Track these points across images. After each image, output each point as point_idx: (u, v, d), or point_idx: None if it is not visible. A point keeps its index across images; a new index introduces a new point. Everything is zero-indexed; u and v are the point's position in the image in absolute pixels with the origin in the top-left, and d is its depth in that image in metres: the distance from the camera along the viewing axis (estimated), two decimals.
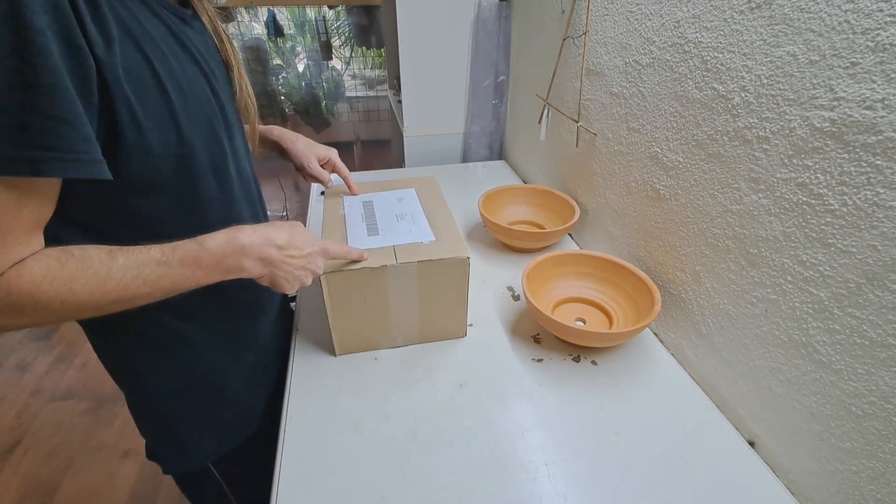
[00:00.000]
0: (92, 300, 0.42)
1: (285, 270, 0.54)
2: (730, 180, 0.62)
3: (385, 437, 0.62)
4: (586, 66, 0.95)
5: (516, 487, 0.56)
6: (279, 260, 0.53)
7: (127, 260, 0.43)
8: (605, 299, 0.83)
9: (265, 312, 0.71)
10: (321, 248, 0.58)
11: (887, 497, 0.48)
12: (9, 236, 0.38)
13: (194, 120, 0.49)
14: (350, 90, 3.73)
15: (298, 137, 0.84)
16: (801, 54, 0.50)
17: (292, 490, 0.56)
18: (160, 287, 0.45)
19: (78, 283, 0.41)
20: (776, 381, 0.59)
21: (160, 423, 0.64)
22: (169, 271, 0.45)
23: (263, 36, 3.16)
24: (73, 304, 0.41)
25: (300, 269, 0.55)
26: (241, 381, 0.68)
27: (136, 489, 1.40)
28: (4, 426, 1.59)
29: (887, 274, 0.45)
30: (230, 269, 0.49)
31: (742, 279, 0.63)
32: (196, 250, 0.47)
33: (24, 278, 0.39)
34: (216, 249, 0.48)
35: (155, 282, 0.45)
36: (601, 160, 0.94)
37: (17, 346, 1.93)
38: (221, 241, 0.48)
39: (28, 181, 0.38)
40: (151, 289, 0.45)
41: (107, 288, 0.42)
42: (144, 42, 0.44)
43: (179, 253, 0.46)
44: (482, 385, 0.70)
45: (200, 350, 0.61)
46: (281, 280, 0.54)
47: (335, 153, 0.86)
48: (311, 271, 0.57)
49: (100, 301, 0.42)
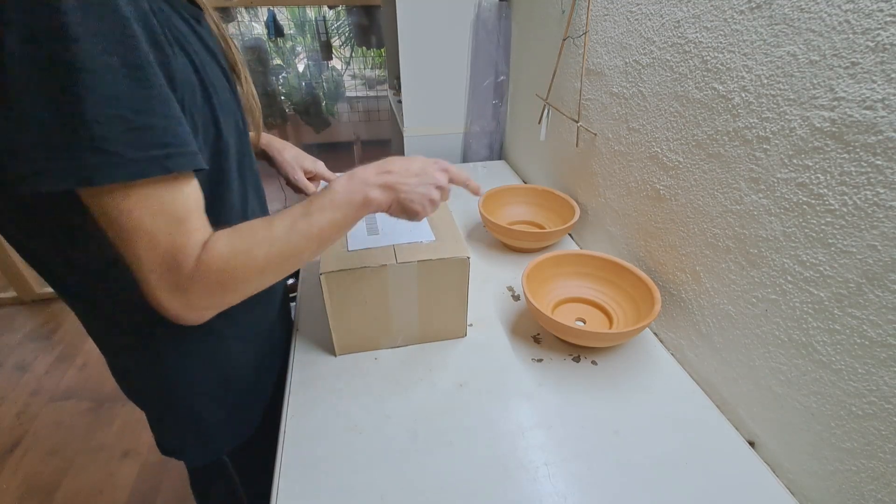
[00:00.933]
0: (269, 263, 0.46)
1: (408, 190, 0.54)
2: (730, 180, 0.62)
3: (385, 437, 0.62)
4: (586, 66, 0.95)
5: (516, 487, 0.56)
6: (399, 182, 0.54)
7: (281, 221, 0.48)
8: (605, 299, 0.83)
9: (274, 299, 0.72)
10: (433, 161, 0.58)
11: (887, 497, 0.48)
12: (187, 223, 0.41)
13: (226, 119, 0.51)
14: (350, 90, 3.73)
15: (286, 147, 0.84)
16: (801, 54, 0.50)
17: (292, 490, 0.56)
18: (314, 237, 0.49)
19: (255, 250, 0.45)
20: (776, 381, 0.59)
21: (187, 415, 0.64)
22: (315, 220, 0.49)
23: (263, 36, 3.16)
24: (257, 271, 0.46)
25: (423, 185, 0.55)
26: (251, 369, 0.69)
27: (136, 489, 1.40)
28: (4, 426, 1.59)
29: (887, 274, 0.45)
30: (360, 203, 0.52)
31: (742, 279, 0.63)
32: (328, 195, 0.51)
33: (215, 257, 0.43)
34: (342, 189, 0.51)
35: (308, 232, 0.48)
36: (601, 160, 0.94)
37: (17, 346, 1.93)
38: (343, 181, 0.52)
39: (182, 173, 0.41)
40: (308, 240, 0.49)
41: (277, 248, 0.47)
42: (185, 44, 0.45)
43: (315, 203, 0.50)
44: (482, 385, 0.70)
45: (226, 340, 0.62)
46: (408, 203, 0.54)
47: (322, 165, 0.86)
48: (434, 185, 0.56)
49: (274, 261, 0.47)
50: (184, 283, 0.42)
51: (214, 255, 0.43)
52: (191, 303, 0.44)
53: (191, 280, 0.42)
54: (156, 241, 0.40)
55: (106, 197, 0.38)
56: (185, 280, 0.42)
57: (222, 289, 0.45)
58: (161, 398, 0.62)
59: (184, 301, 0.43)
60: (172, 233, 0.41)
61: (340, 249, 0.69)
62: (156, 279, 0.41)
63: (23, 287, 2.13)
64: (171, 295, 0.42)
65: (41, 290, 2.18)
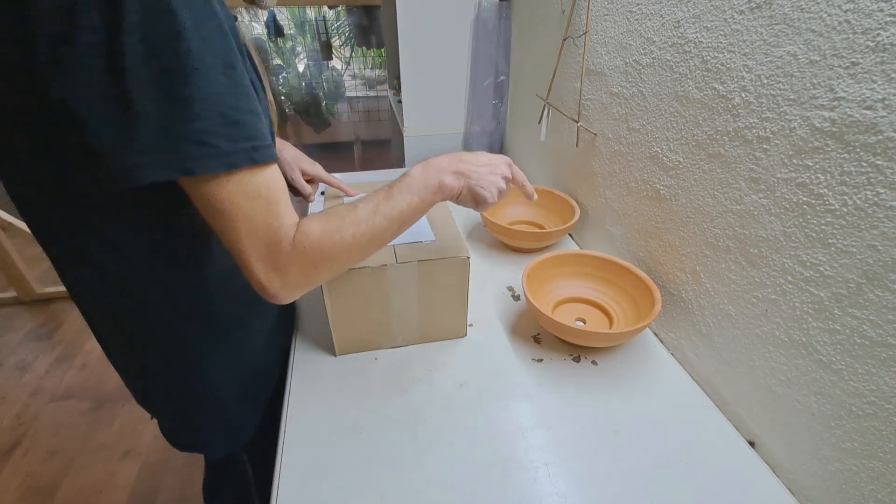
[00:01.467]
0: (356, 243, 0.50)
1: (478, 177, 0.58)
2: (730, 180, 0.62)
3: (385, 437, 0.62)
4: (586, 66, 0.95)
5: (516, 487, 0.56)
6: (470, 170, 0.58)
7: (366, 204, 0.52)
8: (605, 299, 0.83)
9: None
10: (500, 156, 0.63)
11: (888, 497, 0.48)
12: (280, 206, 0.45)
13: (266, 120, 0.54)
14: (350, 90, 3.73)
15: (285, 146, 0.85)
16: (801, 54, 0.50)
17: (292, 490, 0.56)
18: (395, 218, 0.53)
19: (344, 231, 0.49)
20: (776, 381, 0.59)
21: (214, 406, 0.65)
22: (395, 203, 0.53)
23: (263, 36, 3.17)
24: (345, 250, 0.49)
25: (492, 174, 0.59)
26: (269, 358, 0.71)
27: (136, 489, 1.40)
28: (4, 426, 1.59)
29: (887, 274, 0.45)
30: (435, 188, 0.56)
31: (742, 279, 0.63)
32: (406, 180, 0.55)
33: (310, 237, 0.47)
34: (419, 174, 0.56)
35: (390, 214, 0.52)
36: (601, 160, 0.94)
37: (17, 346, 1.93)
38: (419, 168, 0.57)
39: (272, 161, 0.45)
40: (389, 221, 0.52)
41: (362, 229, 0.50)
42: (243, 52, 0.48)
43: (395, 187, 0.54)
44: (482, 385, 0.70)
45: (251, 330, 0.65)
46: (478, 189, 0.58)
47: (320, 168, 0.87)
48: (501, 175, 0.60)
49: (360, 241, 0.50)
50: (282, 262, 0.45)
51: (309, 235, 0.47)
52: (288, 281, 0.47)
53: (288, 259, 0.46)
54: (254, 224, 0.43)
55: (208, 185, 0.41)
56: (283, 259, 0.45)
57: (315, 268, 0.48)
58: (189, 391, 0.63)
59: (282, 280, 0.46)
60: (268, 215, 0.44)
61: None
62: (257, 260, 0.45)
63: (23, 287, 2.13)
64: (272, 275, 0.46)
65: (41, 290, 2.18)
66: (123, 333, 0.58)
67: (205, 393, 0.63)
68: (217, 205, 0.42)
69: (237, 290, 0.59)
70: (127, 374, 0.64)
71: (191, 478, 1.43)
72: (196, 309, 0.57)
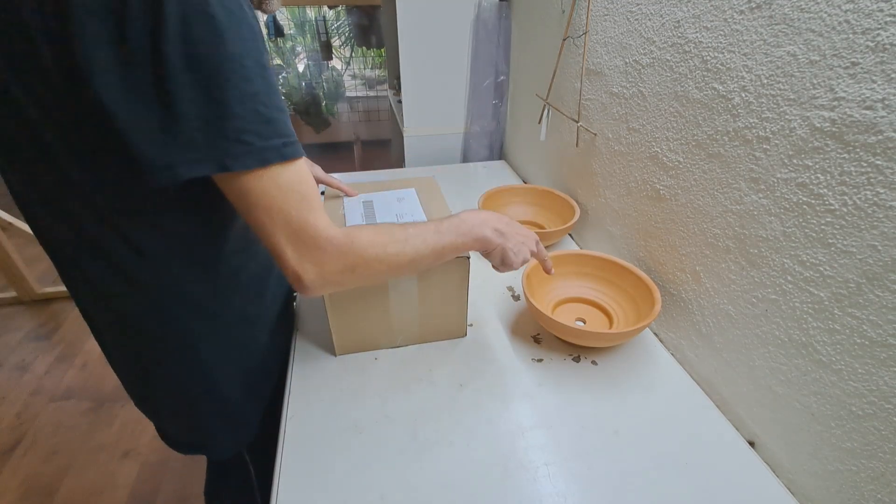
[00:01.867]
0: (396, 261, 0.52)
1: (513, 242, 0.62)
2: (730, 180, 0.62)
3: (385, 437, 0.62)
4: (586, 66, 0.95)
5: (516, 487, 0.56)
6: (509, 232, 0.63)
7: (415, 229, 0.55)
8: (605, 299, 0.83)
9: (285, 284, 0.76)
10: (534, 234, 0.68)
11: (887, 497, 0.48)
12: (313, 200, 0.47)
13: None
14: (350, 90, 3.73)
15: None
16: (801, 54, 0.50)
17: (292, 490, 0.56)
18: (436, 252, 0.56)
19: (389, 246, 0.52)
20: (776, 381, 0.59)
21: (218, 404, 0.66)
22: (441, 238, 0.57)
23: (263, 36, 3.17)
24: (384, 264, 0.52)
25: (522, 244, 0.64)
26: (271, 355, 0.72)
27: (136, 489, 1.40)
28: (4, 426, 1.59)
29: (887, 274, 0.45)
30: (478, 237, 0.60)
31: (742, 279, 0.63)
32: (456, 222, 0.59)
33: (356, 242, 0.49)
34: (468, 219, 0.60)
35: (434, 246, 0.56)
36: (601, 160, 0.94)
37: (17, 346, 1.93)
38: (472, 215, 0.61)
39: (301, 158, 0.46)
40: (431, 252, 0.56)
41: (406, 250, 0.53)
42: None
43: (446, 224, 0.58)
44: (482, 385, 0.70)
45: (255, 327, 0.67)
46: (509, 252, 0.62)
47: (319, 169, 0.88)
48: (529, 249, 0.65)
49: (400, 261, 0.53)
50: (320, 256, 0.47)
51: (356, 241, 0.49)
52: (324, 275, 0.48)
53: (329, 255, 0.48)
54: (289, 217, 0.45)
55: (243, 180, 0.43)
56: (321, 254, 0.47)
57: (352, 271, 0.50)
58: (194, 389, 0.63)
59: (318, 272, 0.48)
60: (301, 208, 0.45)
61: None
62: (293, 251, 0.46)
63: (23, 287, 2.13)
64: (308, 266, 0.47)
65: (41, 290, 2.18)
66: (128, 333, 0.58)
67: (210, 390, 0.64)
68: (253, 199, 0.44)
69: (244, 287, 0.62)
70: (128, 376, 0.64)
71: (191, 478, 1.43)
72: (205, 305, 0.58)
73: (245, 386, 0.68)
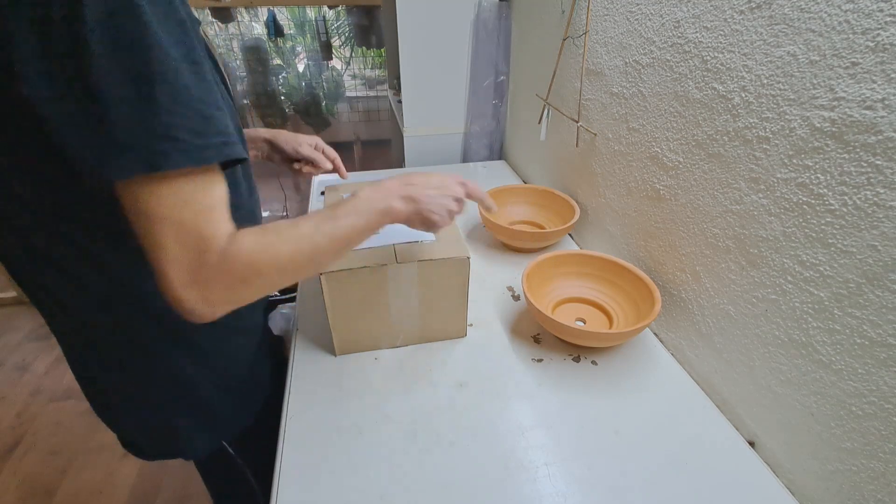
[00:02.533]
0: (292, 261, 0.47)
1: (428, 201, 0.57)
2: (730, 180, 0.62)
3: (385, 437, 0.62)
4: (586, 66, 0.95)
5: (516, 487, 0.56)
6: (420, 194, 0.56)
7: (306, 222, 0.50)
8: (605, 299, 0.83)
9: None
10: (452, 175, 0.61)
11: (887, 497, 0.48)
12: (215, 213, 0.43)
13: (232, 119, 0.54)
14: (350, 90, 3.73)
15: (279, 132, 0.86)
16: (801, 54, 0.50)
17: (292, 490, 0.56)
18: (337, 238, 0.51)
19: (280, 247, 0.46)
20: (776, 381, 0.59)
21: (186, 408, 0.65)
22: (339, 223, 0.51)
23: (263, 36, 3.16)
24: (279, 268, 0.47)
25: (442, 197, 0.58)
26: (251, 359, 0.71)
27: (136, 489, 1.40)
28: (4, 426, 1.59)
29: (887, 274, 0.45)
30: (382, 211, 0.54)
31: (742, 279, 0.63)
32: (352, 201, 0.53)
33: (242, 250, 0.43)
34: (367, 196, 0.54)
35: (332, 234, 0.50)
36: (601, 160, 0.94)
37: (17, 346, 1.93)
38: (369, 189, 0.55)
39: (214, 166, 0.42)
40: (331, 242, 0.50)
41: (301, 247, 0.48)
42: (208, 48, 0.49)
43: (340, 208, 0.52)
44: (482, 385, 0.70)
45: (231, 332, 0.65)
46: (428, 213, 0.57)
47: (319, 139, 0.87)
48: (452, 197, 0.59)
49: (297, 259, 0.48)
50: (205, 274, 0.42)
51: (241, 248, 0.43)
52: (208, 297, 0.43)
53: (214, 272, 0.42)
54: (184, 231, 0.40)
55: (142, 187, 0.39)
56: (207, 271, 0.42)
57: (243, 284, 0.45)
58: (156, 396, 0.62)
59: (202, 295, 0.43)
60: (201, 222, 0.41)
61: None
62: (177, 271, 0.41)
63: None
64: (190, 288, 0.42)
65: None
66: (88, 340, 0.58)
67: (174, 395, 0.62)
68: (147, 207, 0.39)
69: None
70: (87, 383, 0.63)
71: (191, 478, 1.43)
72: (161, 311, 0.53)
73: (216, 387, 0.65)
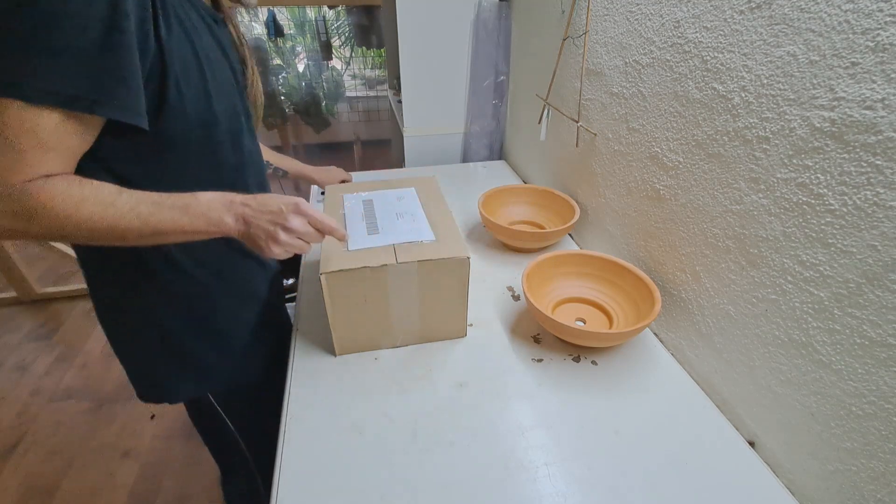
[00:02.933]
0: (90, 222, 0.48)
1: (257, 226, 0.56)
2: (730, 180, 0.62)
3: (385, 437, 0.62)
4: (586, 66, 0.95)
5: (516, 487, 0.56)
6: (251, 216, 0.56)
7: (130, 196, 0.51)
8: (605, 299, 0.83)
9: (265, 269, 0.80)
10: (293, 203, 0.58)
11: (887, 497, 0.48)
12: (48, 155, 0.46)
13: (221, 97, 0.60)
14: (350, 90, 3.73)
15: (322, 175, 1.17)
16: (801, 54, 0.50)
17: (292, 490, 0.56)
18: (150, 224, 0.51)
19: (85, 204, 0.48)
20: (776, 381, 0.59)
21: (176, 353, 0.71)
22: (159, 211, 0.52)
23: (263, 36, 3.16)
24: (74, 223, 0.48)
25: (271, 225, 0.56)
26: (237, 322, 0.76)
27: (136, 489, 1.40)
28: (4, 426, 1.59)
29: (887, 274, 0.45)
30: (213, 221, 0.55)
31: (742, 279, 0.63)
32: (188, 199, 0.54)
33: (45, 189, 0.46)
34: (205, 201, 0.54)
35: (146, 218, 0.51)
36: (601, 160, 0.94)
37: (17, 346, 1.93)
38: (213, 195, 0.55)
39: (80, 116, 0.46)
40: (142, 224, 0.51)
41: (106, 214, 0.49)
42: (192, 35, 0.55)
43: (174, 199, 0.53)
44: (482, 385, 0.70)
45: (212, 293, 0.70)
46: (255, 237, 0.56)
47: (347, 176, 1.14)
48: (281, 227, 0.56)
49: (96, 225, 0.49)
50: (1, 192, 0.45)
51: (45, 188, 0.46)
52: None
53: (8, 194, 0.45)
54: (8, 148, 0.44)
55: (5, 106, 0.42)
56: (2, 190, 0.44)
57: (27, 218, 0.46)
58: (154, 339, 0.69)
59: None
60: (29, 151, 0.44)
61: (340, 249, 0.69)
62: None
63: (23, 287, 2.13)
64: None
65: (41, 290, 2.18)
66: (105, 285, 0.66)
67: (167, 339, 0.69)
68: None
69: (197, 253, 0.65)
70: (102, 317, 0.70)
71: (191, 478, 1.43)
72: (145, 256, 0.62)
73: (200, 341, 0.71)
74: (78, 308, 2.15)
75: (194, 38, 0.55)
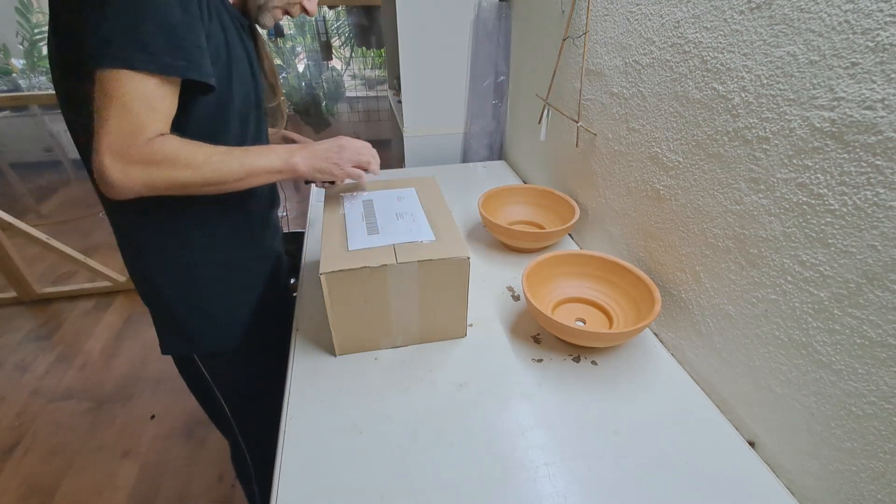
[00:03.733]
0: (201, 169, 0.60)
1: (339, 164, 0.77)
2: (730, 180, 0.62)
3: (385, 437, 0.62)
4: (586, 66, 0.95)
5: (516, 487, 0.56)
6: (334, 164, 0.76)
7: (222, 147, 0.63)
8: (605, 299, 0.83)
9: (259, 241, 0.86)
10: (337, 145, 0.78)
11: (887, 497, 0.48)
12: (157, 115, 0.56)
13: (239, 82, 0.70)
14: (350, 90, 3.73)
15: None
16: (801, 54, 0.50)
17: (292, 490, 0.56)
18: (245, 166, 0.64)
19: (197, 153, 0.60)
20: (776, 381, 0.59)
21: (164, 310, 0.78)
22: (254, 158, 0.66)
23: (264, 36, 3.17)
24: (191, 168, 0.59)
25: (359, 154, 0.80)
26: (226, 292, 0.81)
27: (136, 489, 1.40)
28: (4, 426, 1.59)
29: (887, 274, 0.45)
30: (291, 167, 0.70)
31: (742, 279, 0.63)
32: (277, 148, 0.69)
33: (167, 144, 0.57)
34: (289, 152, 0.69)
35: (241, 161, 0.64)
36: (601, 160, 0.94)
37: (17, 346, 1.93)
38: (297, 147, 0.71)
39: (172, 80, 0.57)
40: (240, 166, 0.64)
41: (212, 160, 0.61)
42: (225, 27, 0.66)
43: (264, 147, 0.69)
44: (482, 385, 0.70)
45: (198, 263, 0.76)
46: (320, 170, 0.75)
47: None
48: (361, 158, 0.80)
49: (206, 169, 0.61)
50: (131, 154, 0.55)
51: (166, 143, 0.57)
52: (128, 173, 0.55)
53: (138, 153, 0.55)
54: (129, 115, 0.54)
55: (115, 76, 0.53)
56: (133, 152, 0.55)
57: (158, 168, 0.57)
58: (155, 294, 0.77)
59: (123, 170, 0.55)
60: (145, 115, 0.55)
61: (340, 249, 0.69)
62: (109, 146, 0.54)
63: (23, 287, 2.13)
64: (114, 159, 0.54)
65: (41, 290, 2.18)
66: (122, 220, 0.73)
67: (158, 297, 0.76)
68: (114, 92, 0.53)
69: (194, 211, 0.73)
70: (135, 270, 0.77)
71: (191, 478, 1.43)
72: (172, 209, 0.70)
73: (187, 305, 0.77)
74: (78, 308, 2.15)
75: (226, 30, 0.66)
